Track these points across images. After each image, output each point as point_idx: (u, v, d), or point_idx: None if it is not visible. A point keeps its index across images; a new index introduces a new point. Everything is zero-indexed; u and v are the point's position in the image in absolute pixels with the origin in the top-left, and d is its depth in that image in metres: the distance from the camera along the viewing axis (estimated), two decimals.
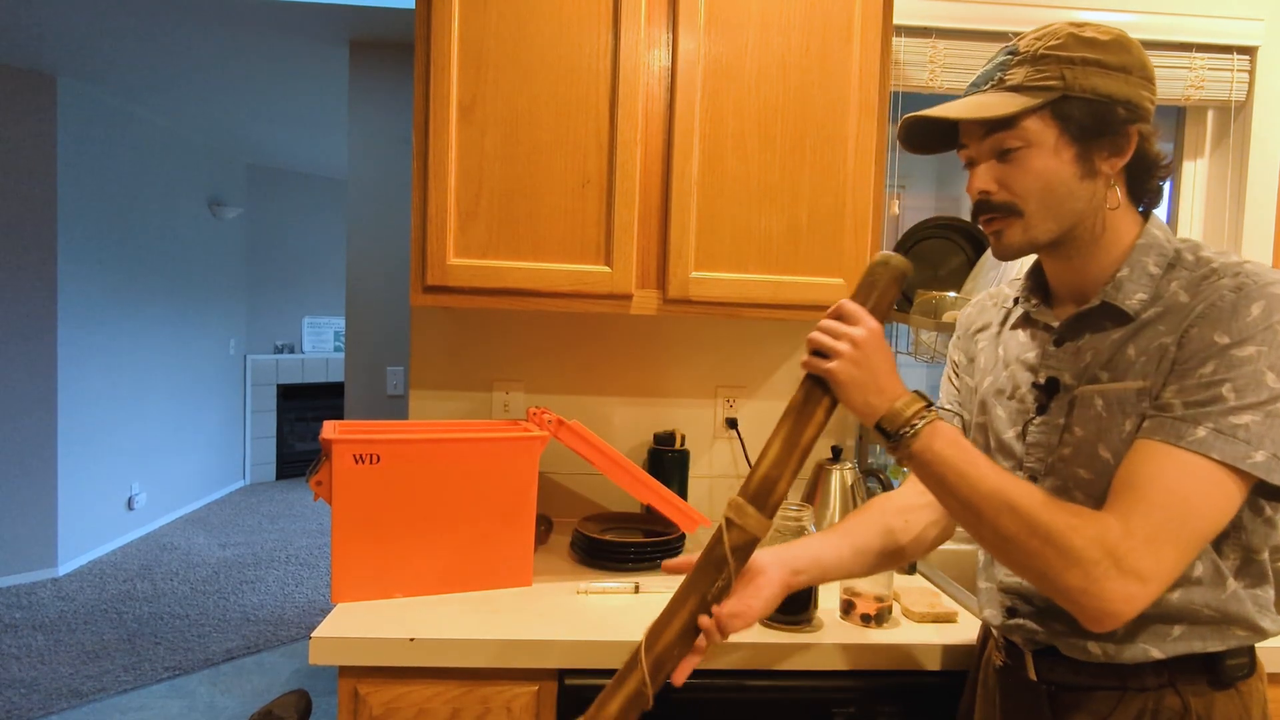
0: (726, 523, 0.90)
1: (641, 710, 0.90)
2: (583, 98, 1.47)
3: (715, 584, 0.91)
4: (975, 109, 0.87)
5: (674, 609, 0.91)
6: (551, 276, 1.48)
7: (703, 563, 0.91)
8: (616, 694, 0.90)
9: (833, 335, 0.88)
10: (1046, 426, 0.92)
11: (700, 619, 0.89)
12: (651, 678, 0.89)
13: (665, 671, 0.90)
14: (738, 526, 0.90)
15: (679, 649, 0.90)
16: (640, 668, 0.90)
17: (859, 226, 1.52)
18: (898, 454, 0.86)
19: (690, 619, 0.90)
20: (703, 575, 0.91)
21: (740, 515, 0.90)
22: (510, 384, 1.84)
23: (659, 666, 0.90)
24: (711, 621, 0.90)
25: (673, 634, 0.90)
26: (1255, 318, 0.79)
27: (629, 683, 0.90)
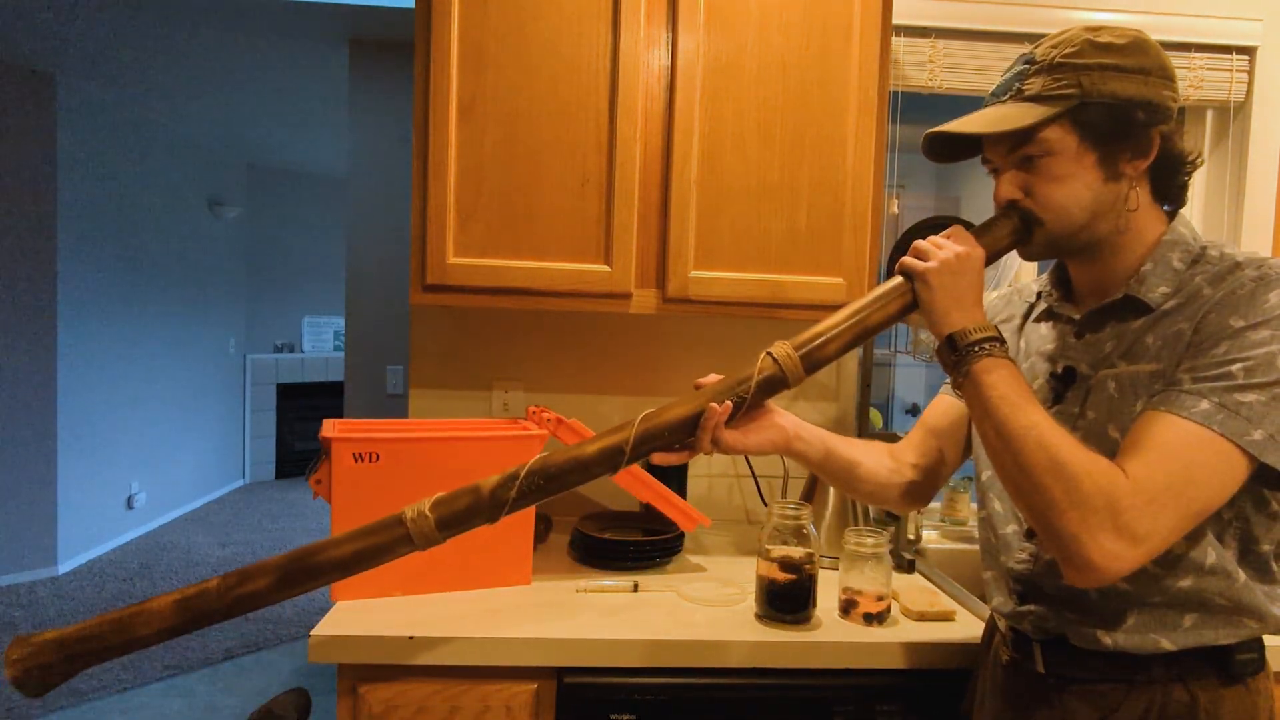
0: (766, 355, 0.94)
1: (613, 467, 0.93)
2: (582, 97, 1.47)
3: (732, 396, 0.94)
4: (994, 122, 0.89)
5: (683, 400, 0.94)
6: (551, 275, 1.48)
7: (729, 380, 0.95)
8: (600, 440, 0.93)
9: (936, 245, 0.92)
10: (1062, 415, 0.93)
11: (710, 404, 0.92)
12: (636, 439, 0.92)
13: (650, 445, 0.93)
14: (774, 360, 0.93)
15: (671, 434, 0.93)
16: (629, 428, 0.92)
17: (858, 226, 1.52)
18: (957, 370, 0.89)
19: (695, 412, 0.93)
20: (724, 388, 0.95)
21: (780, 352, 0.94)
22: (510, 383, 1.84)
23: (647, 437, 0.92)
24: (713, 416, 0.92)
25: (673, 416, 0.93)
26: (1273, 304, 0.80)
27: (614, 436, 0.93)
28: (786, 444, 1.02)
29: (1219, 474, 0.78)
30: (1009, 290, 1.18)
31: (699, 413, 0.93)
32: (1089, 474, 0.78)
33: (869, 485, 1.10)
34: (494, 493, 0.90)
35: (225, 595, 0.86)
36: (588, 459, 0.91)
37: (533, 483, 0.90)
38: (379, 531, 0.89)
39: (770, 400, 1.01)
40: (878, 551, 1.28)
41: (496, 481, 0.91)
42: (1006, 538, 1.02)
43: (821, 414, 1.90)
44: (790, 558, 1.26)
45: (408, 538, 0.88)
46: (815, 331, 0.96)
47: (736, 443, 0.97)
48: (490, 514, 0.90)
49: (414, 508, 0.89)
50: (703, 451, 0.95)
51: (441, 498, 0.91)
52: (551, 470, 0.91)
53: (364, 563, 0.89)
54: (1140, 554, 0.78)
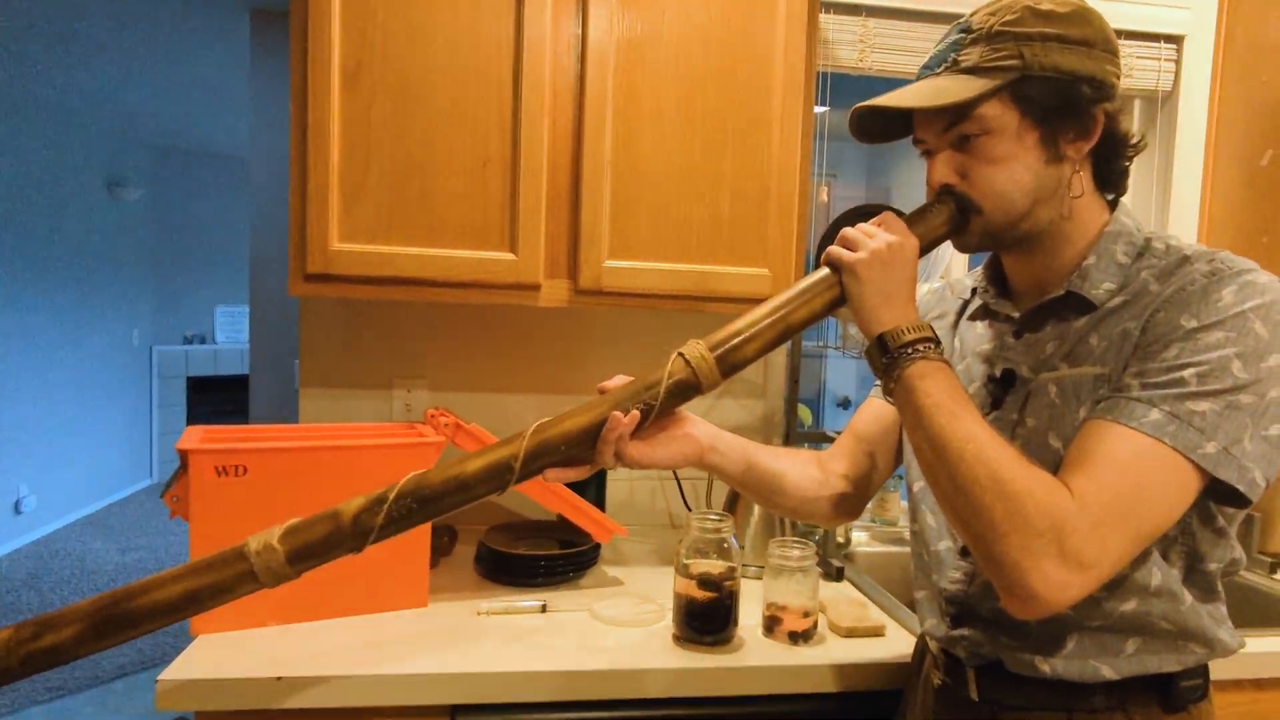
0: (677, 356, 0.83)
1: (500, 486, 0.80)
2: (483, 66, 1.33)
3: (638, 403, 0.82)
4: (928, 96, 0.81)
5: (582, 408, 0.83)
6: (449, 264, 1.34)
7: (635, 385, 0.84)
8: (485, 456, 0.80)
9: (867, 235, 0.83)
10: (1000, 422, 0.86)
11: (614, 413, 0.81)
12: (527, 454, 0.80)
13: (544, 460, 0.81)
14: (686, 362, 0.83)
15: (569, 447, 0.81)
16: (519, 441, 0.80)
17: (784, 213, 1.42)
18: (888, 375, 0.80)
19: (596, 421, 0.82)
20: (629, 394, 0.83)
21: (693, 353, 0.83)
22: (412, 381, 1.69)
23: (540, 451, 0.80)
24: (616, 426, 0.81)
25: (570, 427, 0.82)
26: (1226, 303, 0.72)
27: (501, 450, 0.81)
28: (700, 456, 0.91)
29: (1171, 491, 0.71)
30: (941, 285, 1.09)
31: (600, 422, 0.81)
32: (1031, 493, 0.70)
33: (794, 499, 1.00)
34: (358, 519, 0.77)
35: (15, 651, 0.71)
36: (469, 478, 0.78)
37: (404, 507, 0.77)
38: (217, 567, 0.74)
39: (683, 407, 0.90)
40: (804, 565, 1.19)
41: (360, 506, 0.77)
42: (939, 555, 0.93)
43: (749, 412, 1.80)
44: (710, 574, 1.16)
45: (251, 574, 0.74)
46: (732, 330, 0.85)
47: (643, 456, 0.85)
48: (353, 543, 0.77)
49: (260, 538, 0.75)
50: (604, 466, 0.84)
51: (294, 525, 0.76)
52: (426, 492, 0.78)
53: (197, 605, 0.74)
54: (1088, 581, 0.69)
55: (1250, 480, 0.70)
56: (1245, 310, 0.72)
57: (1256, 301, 0.72)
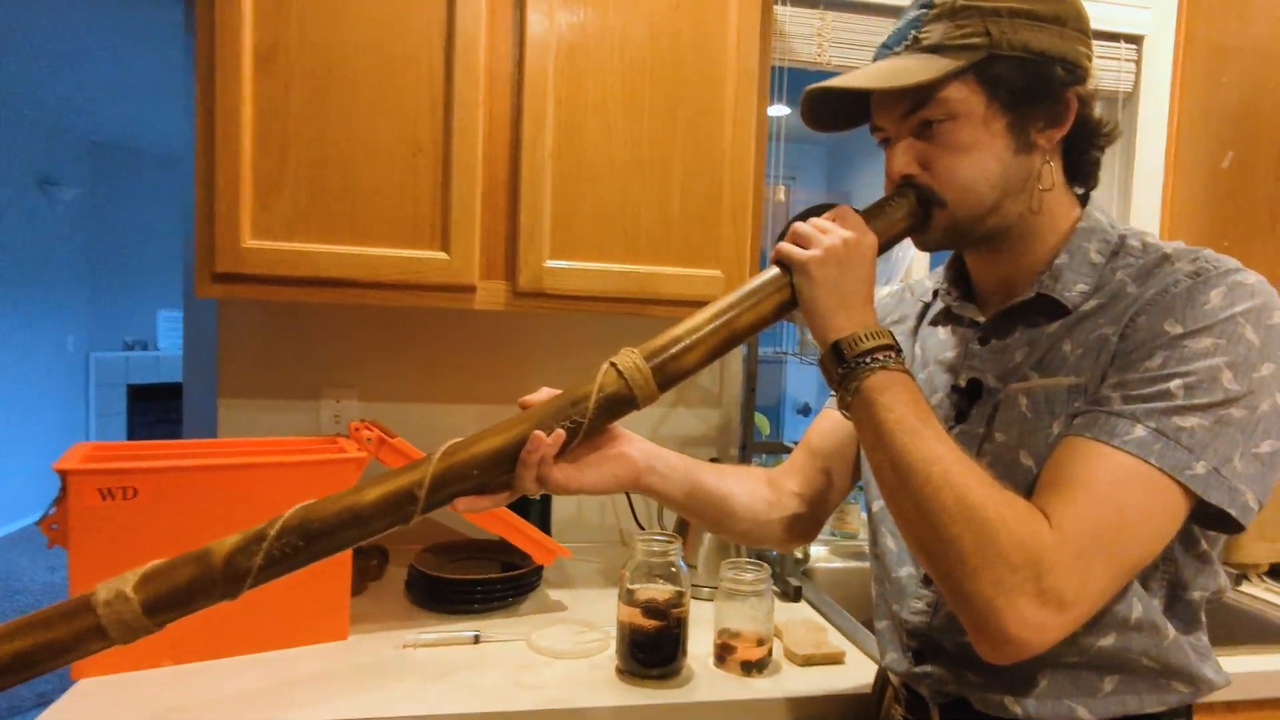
0: (608, 366, 0.74)
1: (402, 519, 0.69)
2: (413, 50, 1.22)
3: (564, 421, 0.72)
4: (887, 76, 0.73)
5: (500, 427, 0.73)
6: (376, 263, 1.23)
7: (561, 399, 0.74)
8: (384, 483, 0.69)
9: (820, 230, 0.75)
10: (966, 436, 0.79)
11: (535, 432, 0.71)
12: (434, 481, 0.69)
13: (454, 488, 0.70)
14: (618, 373, 0.73)
15: (483, 471, 0.71)
16: (425, 466, 0.69)
17: (738, 210, 1.33)
18: (844, 387, 0.71)
19: (515, 441, 0.71)
20: (554, 409, 0.73)
21: (627, 363, 0.73)
22: (342, 391, 1.57)
23: (450, 476, 0.69)
24: (537, 448, 0.70)
25: (485, 449, 0.71)
26: (1214, 306, 0.65)
27: (404, 477, 0.69)
28: (636, 479, 0.81)
29: (1157, 517, 0.63)
30: (901, 287, 1.02)
31: (519, 443, 0.71)
32: (1005, 523, 0.61)
33: (744, 523, 0.91)
34: (231, 561, 0.65)
35: None
36: (365, 510, 0.68)
37: (287, 545, 0.66)
38: (57, 622, 0.63)
39: (619, 423, 0.80)
40: (758, 588, 1.10)
41: (235, 545, 0.66)
42: (901, 582, 0.85)
43: (704, 422, 1.72)
44: (655, 601, 1.06)
45: (99, 629, 0.63)
46: (672, 336, 0.75)
47: (569, 481, 0.75)
48: (226, 589, 0.66)
49: (110, 586, 0.64)
50: (525, 493, 0.74)
51: (153, 570, 0.65)
52: (314, 526, 0.67)
53: (31, 669, 0.62)
54: (1068, 622, 0.61)
55: (1243, 504, 0.63)
56: (1235, 314, 0.65)
57: (1247, 305, 0.65)
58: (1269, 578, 1.59)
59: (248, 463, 1.09)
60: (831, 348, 0.73)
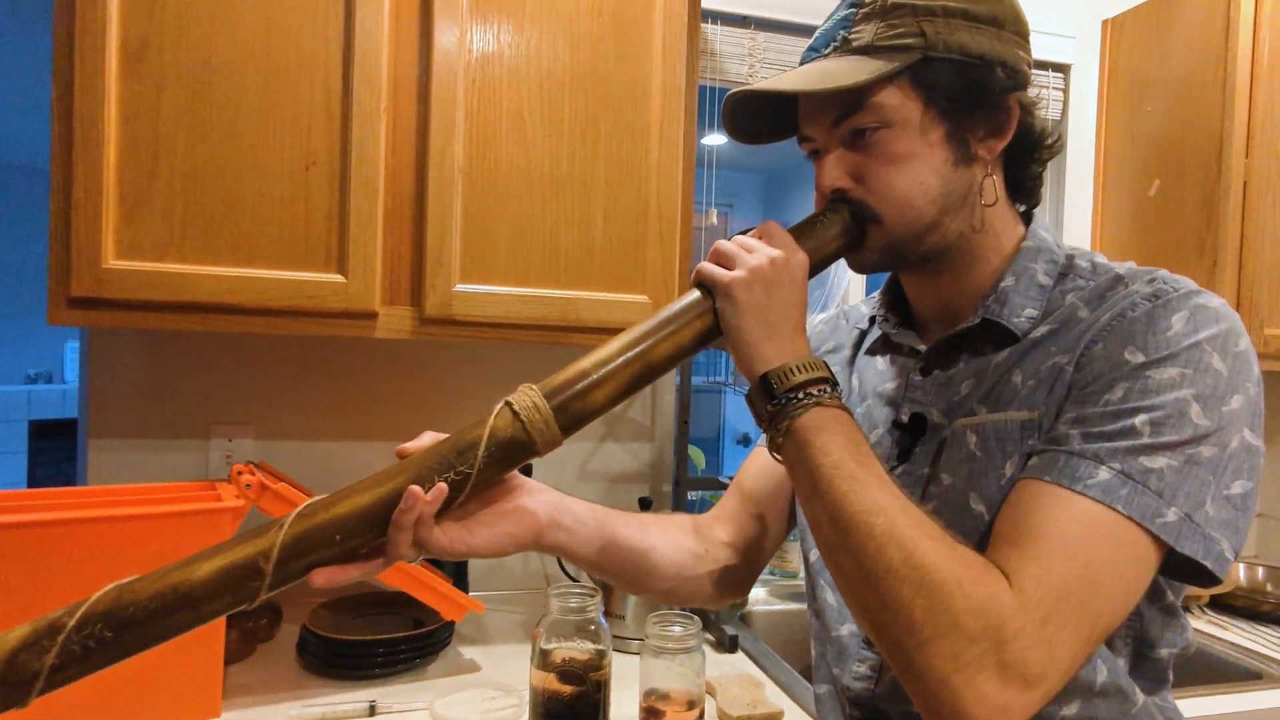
0: (503, 406, 0.63)
1: (245, 598, 0.56)
2: (306, 50, 1.11)
3: (447, 473, 0.60)
4: (814, 79, 0.66)
5: (368, 482, 0.61)
6: (262, 287, 1.10)
7: (444, 447, 0.62)
8: (223, 554, 0.56)
9: (745, 248, 0.67)
10: (909, 477, 0.71)
11: (411, 488, 0.59)
12: (284, 550, 0.56)
13: (312, 557, 0.57)
14: (514, 414, 0.62)
15: (346, 536, 0.58)
16: (275, 531, 0.57)
17: (666, 231, 1.25)
18: (774, 426, 0.63)
19: (386, 499, 0.59)
20: (435, 459, 0.61)
21: (523, 402, 0.62)
22: (235, 429, 1.41)
23: (305, 544, 0.57)
24: (412, 506, 0.59)
25: (348, 509, 0.59)
26: (1177, 332, 0.59)
27: (247, 547, 0.57)
28: (537, 537, 0.70)
29: (1128, 573, 0.55)
30: (835, 313, 0.94)
31: (392, 500, 0.60)
32: (960, 585, 0.53)
33: (667, 581, 0.80)
34: (14, 660, 0.52)
35: None
36: (197, 590, 0.55)
37: (91, 637, 0.53)
38: None
39: (516, 472, 0.70)
40: (687, 644, 1.00)
41: (21, 639, 0.52)
42: (842, 642, 0.76)
43: (635, 457, 1.62)
44: (573, 663, 0.95)
45: None
46: (577, 371, 0.65)
47: (455, 543, 0.64)
48: (9, 696, 0.52)
49: None
50: (400, 559, 0.62)
51: None
52: (129, 613, 0.54)
53: None
54: (1034, 700, 0.53)
55: (1218, 554, 0.56)
56: (1200, 341, 0.58)
57: (1212, 330, 0.59)
58: (1210, 610, 1.56)
59: (97, 516, 0.94)
60: (759, 381, 0.64)
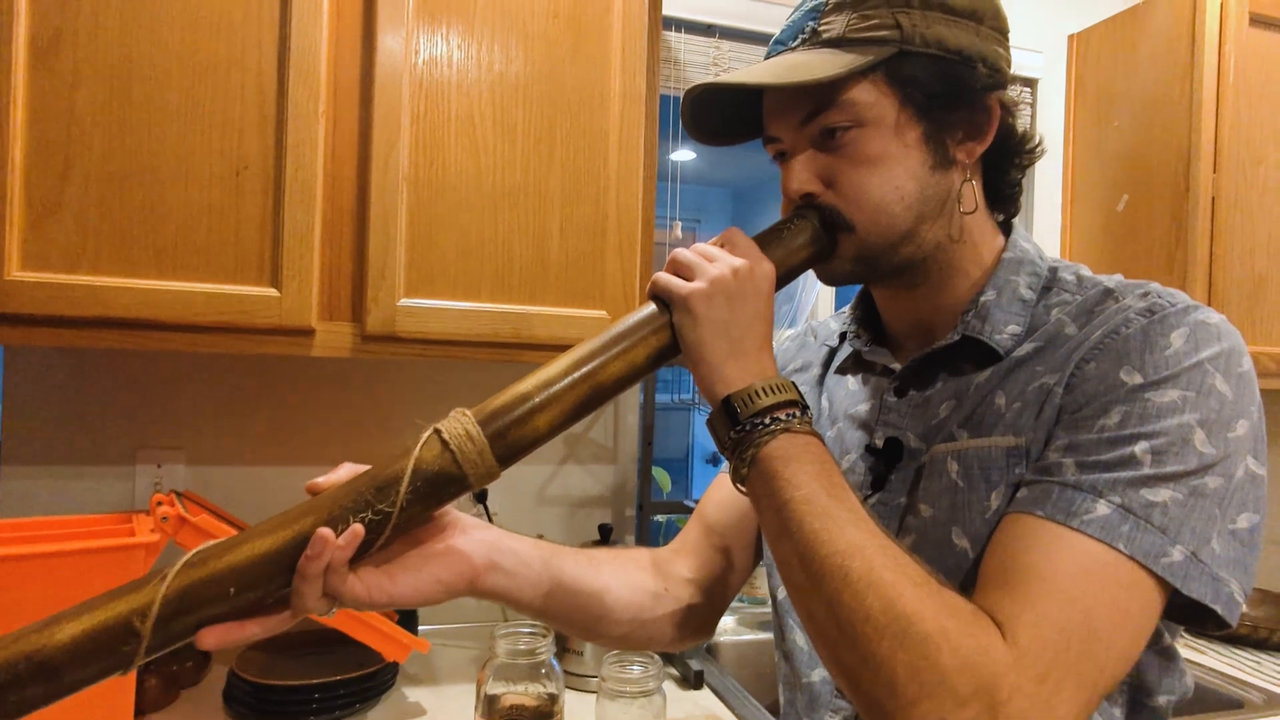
0: (433, 433, 0.55)
1: (118, 665, 0.48)
2: (238, 48, 1.03)
3: (364, 512, 0.52)
4: (782, 72, 0.61)
5: (272, 524, 0.53)
6: (187, 301, 1.02)
7: (362, 482, 0.54)
8: (90, 613, 0.48)
9: (706, 257, 0.60)
10: (884, 507, 0.65)
11: (320, 531, 0.51)
12: (165, 610, 0.48)
13: (200, 615, 0.49)
14: (443, 444, 0.54)
15: (243, 588, 0.50)
16: (157, 585, 0.49)
17: (626, 244, 1.19)
18: (738, 455, 0.56)
19: (291, 544, 0.51)
20: (351, 497, 0.53)
21: (454, 430, 0.54)
22: (165, 454, 1.32)
23: (192, 600, 0.49)
24: (320, 553, 0.51)
25: (247, 557, 0.51)
26: (1177, 350, 0.53)
27: (119, 603, 0.48)
28: (471, 581, 0.62)
29: (1132, 619, 0.49)
30: (803, 329, 0.88)
31: (298, 545, 0.52)
32: (948, 638, 0.46)
33: (623, 625, 0.72)
34: None
35: None
36: (56, 656, 0.46)
37: None
38: None
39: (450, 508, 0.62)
40: (646, 687, 0.93)
41: None
42: (813, 689, 0.69)
43: (597, 480, 1.54)
44: (522, 709, 0.87)
45: None
46: (517, 394, 0.57)
47: (373, 592, 0.56)
48: None
49: None
50: (309, 613, 0.54)
51: None
52: None
53: None
54: None
55: (1227, 596, 0.50)
56: (1202, 361, 0.53)
57: (1214, 349, 0.53)
58: (1186, 634, 1.52)
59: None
60: (721, 405, 0.58)
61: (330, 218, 1.08)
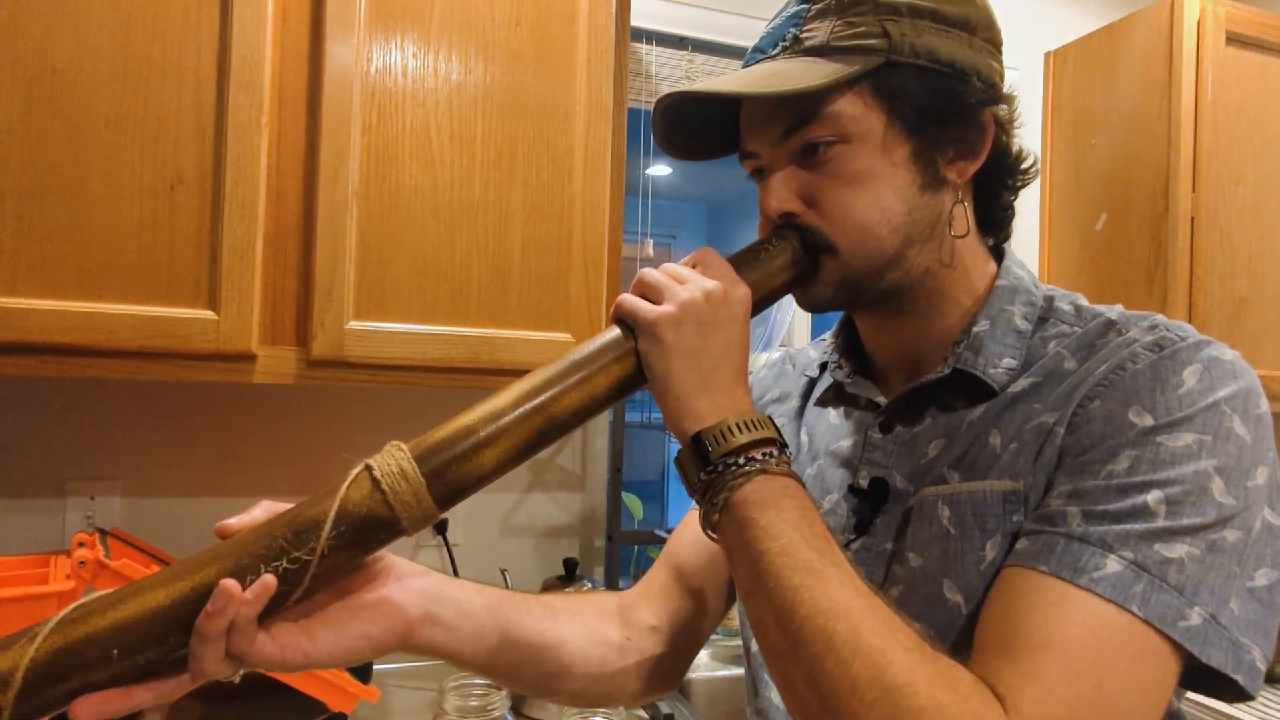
0: (363, 469, 0.49)
1: None
2: (173, 55, 0.97)
3: (278, 561, 0.46)
4: (760, 81, 0.56)
5: (166, 575, 0.46)
6: (114, 325, 0.94)
7: (278, 525, 0.48)
8: None
9: (676, 278, 0.55)
10: (869, 554, 0.60)
11: (223, 584, 0.44)
12: (31, 678, 0.41)
13: (75, 681, 0.42)
14: (374, 482, 0.48)
15: (130, 651, 0.43)
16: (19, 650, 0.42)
17: (592, 264, 1.13)
18: (709, 499, 0.51)
19: (188, 598, 0.45)
20: (263, 543, 0.47)
21: (387, 467, 0.49)
22: (98, 485, 1.23)
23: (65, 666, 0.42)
24: (222, 609, 0.44)
25: (133, 615, 0.44)
26: (1190, 389, 0.48)
27: None
28: (405, 636, 0.55)
29: (1147, 691, 0.44)
30: (780, 356, 0.82)
31: (198, 598, 0.45)
32: (943, 712, 0.41)
33: (579, 680, 0.66)
34: None
35: None
36: None
37: None
38: None
39: (385, 551, 0.55)
40: None
41: None
42: None
43: (564, 509, 1.47)
44: None
45: None
46: (462, 426, 0.51)
47: (288, 652, 0.49)
48: None
49: None
50: (210, 677, 0.47)
51: None
52: None
53: None
54: None
55: (1249, 665, 0.45)
56: (1218, 401, 0.48)
57: (1230, 389, 0.49)
58: None
59: None
60: (691, 442, 0.52)
61: (274, 235, 1.01)
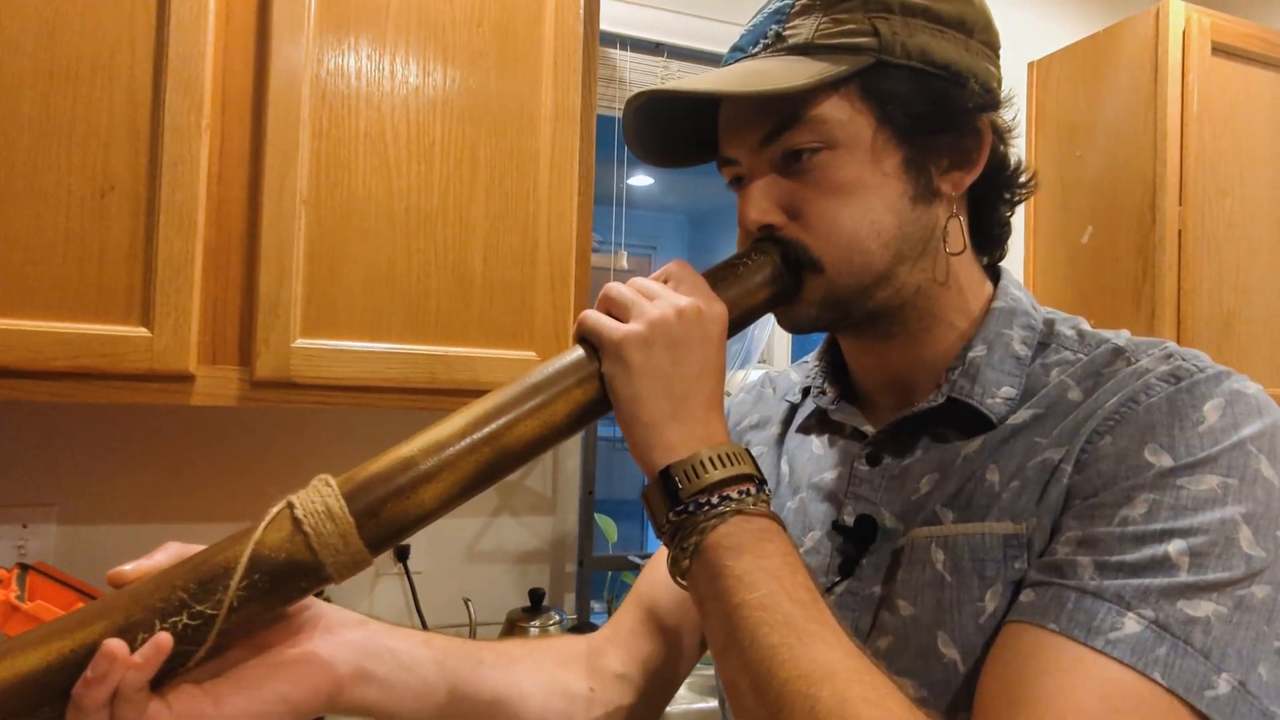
0: (285, 506, 0.44)
1: None
2: (104, 52, 0.90)
3: (177, 616, 0.41)
4: (739, 80, 0.52)
5: (42, 633, 0.41)
6: (37, 343, 0.87)
7: (181, 572, 0.42)
8: None
9: (645, 294, 0.50)
10: (855, 598, 0.54)
11: (107, 645, 0.39)
12: None
13: None
14: (295, 523, 0.43)
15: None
16: None
17: (559, 277, 1.07)
18: (678, 544, 0.46)
19: (70, 659, 0.39)
20: (162, 592, 0.41)
21: (311, 505, 0.43)
22: (31, 511, 1.15)
23: None
24: (107, 674, 0.39)
25: (1, 677, 0.39)
26: (1212, 427, 0.43)
27: None
28: (333, 696, 0.50)
29: None
30: (759, 379, 0.77)
31: (78, 661, 0.39)
32: None
33: None
34: None
35: None
36: None
37: None
38: None
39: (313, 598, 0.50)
40: None
41: None
42: None
43: (534, 533, 1.41)
44: None
45: None
46: (400, 459, 0.46)
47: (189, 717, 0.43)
48: None
49: None
50: None
51: None
52: None
53: None
54: None
55: None
56: (1244, 440, 0.43)
57: (1256, 426, 0.43)
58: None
59: None
60: (659, 477, 0.47)
61: (214, 246, 0.95)
